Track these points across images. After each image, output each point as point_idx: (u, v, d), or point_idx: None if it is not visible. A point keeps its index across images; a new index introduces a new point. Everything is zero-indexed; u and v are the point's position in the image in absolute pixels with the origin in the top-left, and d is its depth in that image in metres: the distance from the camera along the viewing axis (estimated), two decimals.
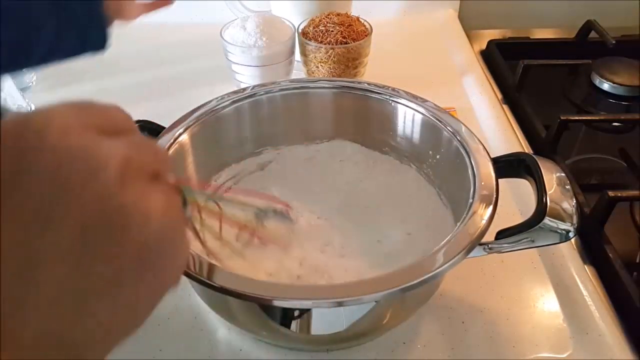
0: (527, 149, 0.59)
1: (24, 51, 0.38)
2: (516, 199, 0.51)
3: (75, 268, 0.18)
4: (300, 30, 0.63)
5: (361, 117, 0.48)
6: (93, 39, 0.41)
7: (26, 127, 0.18)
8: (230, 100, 0.46)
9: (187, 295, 0.43)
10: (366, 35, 0.62)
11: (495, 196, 0.36)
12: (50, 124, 0.18)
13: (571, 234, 0.35)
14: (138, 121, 0.42)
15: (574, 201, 0.35)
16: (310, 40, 0.61)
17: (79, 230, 0.18)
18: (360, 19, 0.64)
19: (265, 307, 0.34)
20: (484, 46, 0.79)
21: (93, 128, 0.19)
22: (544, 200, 0.35)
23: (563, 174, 0.37)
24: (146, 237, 0.19)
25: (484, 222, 0.34)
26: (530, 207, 0.36)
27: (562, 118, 0.57)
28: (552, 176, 0.37)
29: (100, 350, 0.19)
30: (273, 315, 0.35)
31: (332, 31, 0.61)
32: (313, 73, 0.63)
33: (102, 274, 0.18)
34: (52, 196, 0.17)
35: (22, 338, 0.17)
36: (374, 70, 0.65)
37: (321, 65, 0.62)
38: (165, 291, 0.21)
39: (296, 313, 0.34)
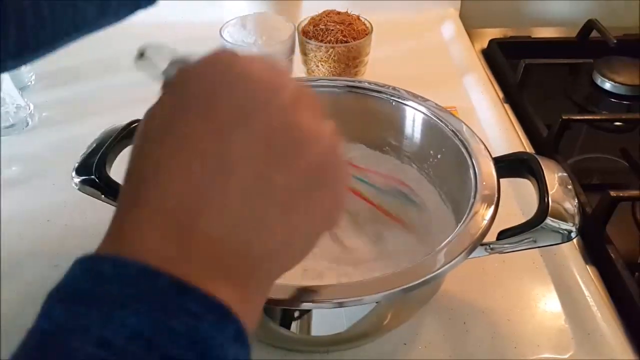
0: (529, 149, 0.59)
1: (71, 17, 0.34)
2: (518, 199, 0.51)
3: (258, 176, 0.19)
4: (300, 29, 0.62)
5: (362, 116, 0.48)
6: None
7: (216, 60, 0.21)
8: None
9: None
10: (367, 34, 0.62)
11: (496, 196, 0.36)
12: (238, 56, 0.21)
13: (573, 234, 0.35)
14: (137, 120, 0.42)
15: (576, 201, 0.35)
16: (310, 39, 0.61)
17: (263, 136, 0.20)
18: (361, 18, 0.64)
19: (266, 308, 0.33)
20: (485, 45, 0.79)
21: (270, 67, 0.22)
22: (546, 200, 0.35)
23: (565, 174, 0.37)
24: (317, 155, 0.20)
25: (485, 222, 0.34)
26: (531, 207, 0.36)
27: (563, 118, 0.57)
28: (553, 176, 0.36)
29: (276, 269, 0.21)
30: (273, 316, 0.35)
31: (332, 30, 0.61)
32: (313, 72, 0.63)
33: (280, 185, 0.19)
34: (243, 105, 0.20)
35: (210, 238, 0.18)
36: (375, 69, 0.65)
37: (321, 64, 0.61)
38: (330, 221, 0.22)
39: (296, 314, 0.34)
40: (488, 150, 0.40)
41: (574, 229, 0.34)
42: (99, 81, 0.69)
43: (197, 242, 0.18)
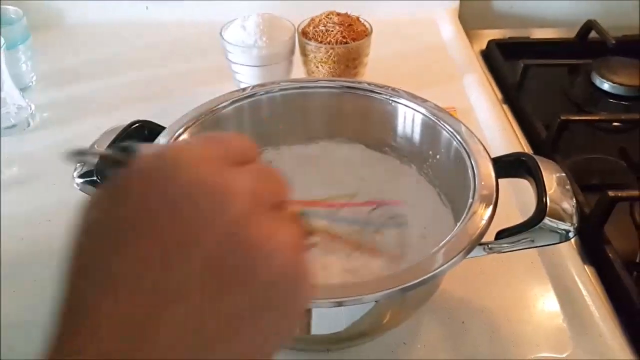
0: (527, 149, 0.59)
1: None
2: (516, 199, 0.51)
3: (199, 306, 0.17)
4: (300, 30, 0.63)
5: (361, 117, 0.48)
6: None
7: (162, 159, 0.19)
8: (230, 100, 0.45)
9: None
10: (366, 35, 0.62)
11: (495, 196, 0.36)
12: (183, 157, 0.19)
13: (571, 234, 0.35)
14: (138, 121, 0.42)
15: (574, 201, 0.35)
16: (310, 40, 0.61)
17: (206, 264, 0.17)
18: (360, 19, 0.64)
19: None
20: (484, 46, 0.79)
21: (221, 160, 0.19)
22: (544, 200, 0.35)
23: (563, 174, 0.37)
24: (272, 274, 0.18)
25: (483, 222, 0.34)
26: (530, 207, 0.36)
27: (562, 118, 0.57)
28: (552, 176, 0.37)
29: None
30: None
31: (332, 31, 0.61)
32: (313, 73, 0.63)
33: (225, 313, 0.18)
34: (186, 226, 0.18)
35: None
36: (374, 70, 0.65)
37: (321, 65, 0.61)
38: (288, 333, 0.20)
39: None
40: (487, 151, 0.40)
41: (572, 229, 0.34)
42: (100, 82, 0.69)
43: None
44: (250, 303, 0.18)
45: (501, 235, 0.36)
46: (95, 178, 0.37)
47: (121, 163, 0.20)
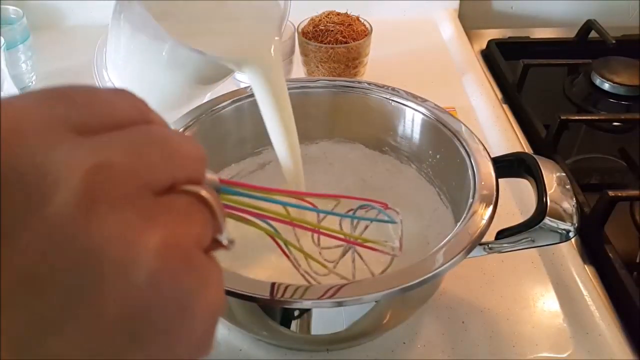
0: (527, 149, 0.59)
1: None
2: (516, 199, 0.51)
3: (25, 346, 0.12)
4: (300, 30, 0.63)
5: (361, 116, 0.48)
6: None
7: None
8: (229, 100, 0.45)
9: None
10: (366, 35, 0.62)
11: (495, 196, 0.36)
12: (6, 120, 0.13)
13: (571, 234, 0.35)
14: None
15: (574, 201, 0.35)
16: (310, 40, 0.61)
17: (21, 291, 0.12)
18: (360, 19, 0.64)
19: (265, 307, 0.34)
20: (484, 46, 0.79)
21: (66, 125, 0.13)
22: (544, 200, 0.35)
23: (563, 174, 0.37)
24: (130, 300, 0.13)
25: (484, 222, 0.34)
26: (530, 207, 0.36)
27: (562, 118, 0.57)
28: (552, 176, 0.37)
29: None
30: (273, 315, 0.35)
31: (332, 31, 0.61)
32: (313, 73, 0.63)
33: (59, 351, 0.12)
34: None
35: None
36: (374, 69, 0.65)
37: (321, 65, 0.61)
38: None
39: (296, 313, 0.34)
40: (487, 151, 0.40)
41: (572, 228, 0.34)
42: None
43: None
44: (106, 338, 0.13)
45: (501, 235, 0.36)
46: None
47: None
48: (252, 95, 0.46)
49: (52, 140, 0.13)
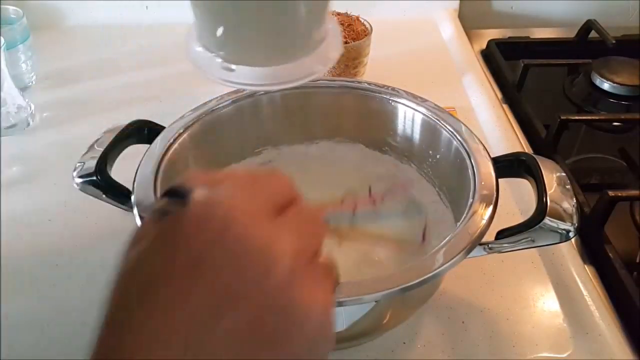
0: (527, 149, 0.59)
1: None
2: (516, 199, 0.51)
3: None
4: None
5: (361, 116, 0.48)
6: None
7: (213, 208, 0.19)
8: (230, 100, 0.45)
9: None
10: (366, 35, 0.62)
11: (495, 196, 0.36)
12: (234, 208, 0.19)
13: (571, 234, 0.35)
14: (138, 121, 0.42)
15: (574, 201, 0.35)
16: None
17: (249, 321, 0.18)
18: (360, 19, 0.64)
19: None
20: (484, 45, 0.79)
21: (267, 210, 0.20)
22: (544, 200, 0.35)
23: (563, 174, 0.37)
24: (306, 338, 0.20)
25: (484, 222, 0.34)
26: (530, 207, 0.36)
27: (562, 118, 0.57)
28: (552, 176, 0.37)
29: None
30: None
31: None
32: None
33: None
34: (231, 284, 0.18)
35: None
36: (374, 70, 0.65)
37: None
38: None
39: None
40: (487, 151, 0.40)
41: (572, 228, 0.34)
42: (100, 81, 0.69)
43: None
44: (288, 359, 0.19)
45: (501, 235, 0.36)
46: (95, 178, 0.37)
47: (169, 211, 0.20)
48: (252, 95, 0.47)
49: (266, 223, 0.20)
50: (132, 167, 0.38)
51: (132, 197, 0.36)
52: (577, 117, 0.60)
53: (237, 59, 0.29)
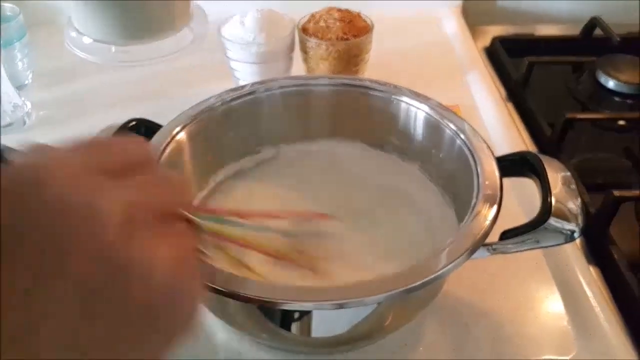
0: (532, 148, 0.59)
1: None
2: (520, 199, 0.50)
3: (74, 332, 0.17)
4: (300, 26, 0.62)
5: (362, 114, 0.48)
6: None
7: (23, 180, 0.17)
8: (229, 98, 0.45)
9: None
10: (367, 32, 0.61)
11: (499, 196, 0.35)
12: (52, 168, 0.17)
13: (576, 234, 0.34)
14: (135, 119, 0.42)
15: (579, 201, 0.35)
16: (310, 36, 0.60)
17: (77, 290, 0.17)
18: (362, 15, 0.63)
19: (265, 309, 0.33)
20: (487, 43, 0.78)
21: (97, 170, 0.18)
22: (549, 199, 0.34)
23: (568, 173, 0.37)
24: (149, 296, 0.18)
25: (487, 222, 0.33)
26: (534, 207, 0.36)
27: (567, 116, 0.56)
28: (556, 175, 0.36)
29: None
30: (273, 317, 0.34)
31: (332, 27, 0.60)
32: (313, 70, 0.62)
33: (102, 337, 0.17)
34: (49, 256, 0.17)
35: None
36: (376, 67, 0.64)
37: (322, 62, 0.61)
38: (173, 347, 0.19)
39: (296, 315, 0.34)
40: (490, 149, 0.39)
41: (577, 229, 0.34)
42: (97, 79, 0.68)
43: None
44: (130, 325, 0.18)
45: (505, 235, 0.36)
46: None
47: None
48: (251, 92, 0.46)
49: (92, 183, 0.18)
50: None
51: None
52: (582, 116, 0.60)
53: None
